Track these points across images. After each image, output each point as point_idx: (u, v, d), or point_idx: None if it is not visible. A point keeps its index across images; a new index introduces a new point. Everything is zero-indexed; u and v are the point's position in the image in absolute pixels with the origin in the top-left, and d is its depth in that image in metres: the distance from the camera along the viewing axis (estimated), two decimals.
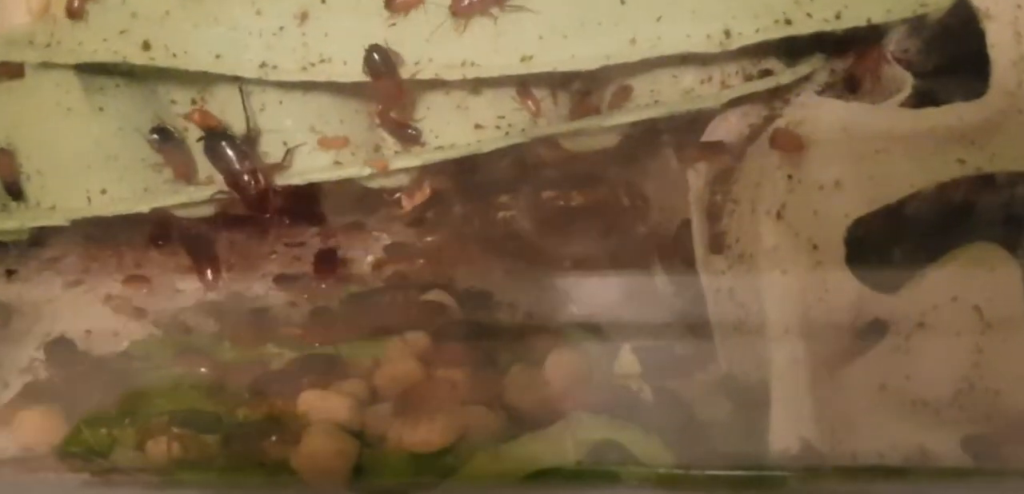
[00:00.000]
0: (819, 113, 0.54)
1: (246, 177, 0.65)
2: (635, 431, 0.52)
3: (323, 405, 0.55)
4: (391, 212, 0.72)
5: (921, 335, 0.51)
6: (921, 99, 0.60)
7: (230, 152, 0.65)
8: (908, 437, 0.50)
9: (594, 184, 0.70)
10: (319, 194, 0.72)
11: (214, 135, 0.66)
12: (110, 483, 0.54)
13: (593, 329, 0.62)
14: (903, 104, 0.56)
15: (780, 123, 0.55)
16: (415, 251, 0.75)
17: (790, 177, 0.55)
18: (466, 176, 0.76)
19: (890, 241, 0.54)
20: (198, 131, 0.73)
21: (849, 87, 0.64)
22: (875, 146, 0.51)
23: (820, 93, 0.66)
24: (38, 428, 0.60)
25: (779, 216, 0.55)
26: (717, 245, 0.64)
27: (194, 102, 0.74)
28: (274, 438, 0.52)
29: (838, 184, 0.51)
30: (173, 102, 0.74)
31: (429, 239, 0.74)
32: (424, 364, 0.58)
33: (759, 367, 0.55)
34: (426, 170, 0.68)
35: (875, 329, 0.51)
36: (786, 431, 0.52)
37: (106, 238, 0.76)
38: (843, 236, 0.50)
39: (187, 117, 0.73)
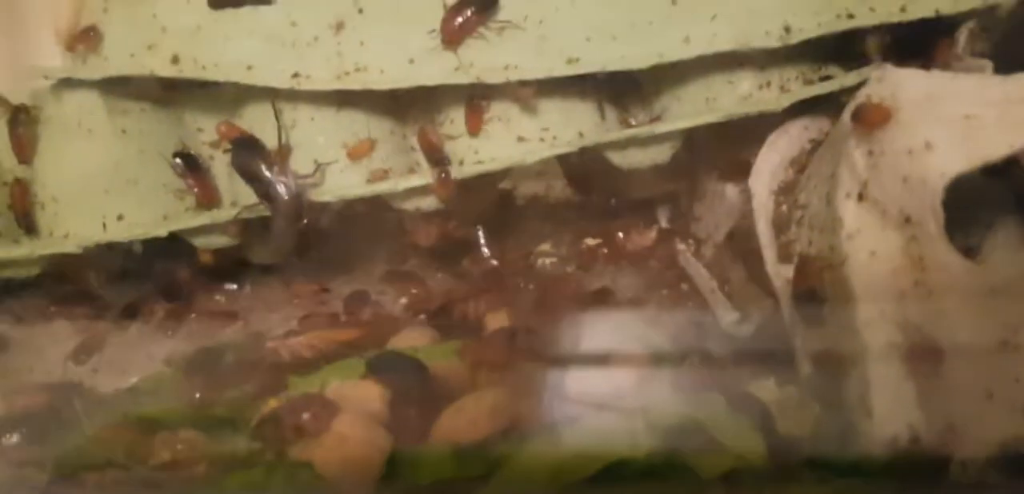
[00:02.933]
0: (902, 83, 0.50)
1: (278, 186, 0.61)
2: (720, 409, 0.45)
3: (354, 394, 0.49)
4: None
5: None
6: None
7: (259, 161, 0.62)
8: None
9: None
10: None
11: (242, 144, 0.62)
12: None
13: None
14: None
15: (860, 98, 0.51)
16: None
17: (871, 153, 0.51)
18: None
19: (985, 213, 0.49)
20: (224, 161, 0.71)
21: None
22: (965, 110, 0.47)
23: None
24: None
25: (860, 198, 0.51)
26: (785, 254, 0.59)
27: (217, 132, 0.72)
28: (293, 430, 0.46)
29: (929, 146, 0.46)
30: (200, 130, 0.72)
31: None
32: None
33: (848, 365, 0.49)
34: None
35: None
36: (890, 418, 0.46)
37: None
38: (941, 199, 0.45)
39: (214, 145, 0.71)
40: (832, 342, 0.51)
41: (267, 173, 0.62)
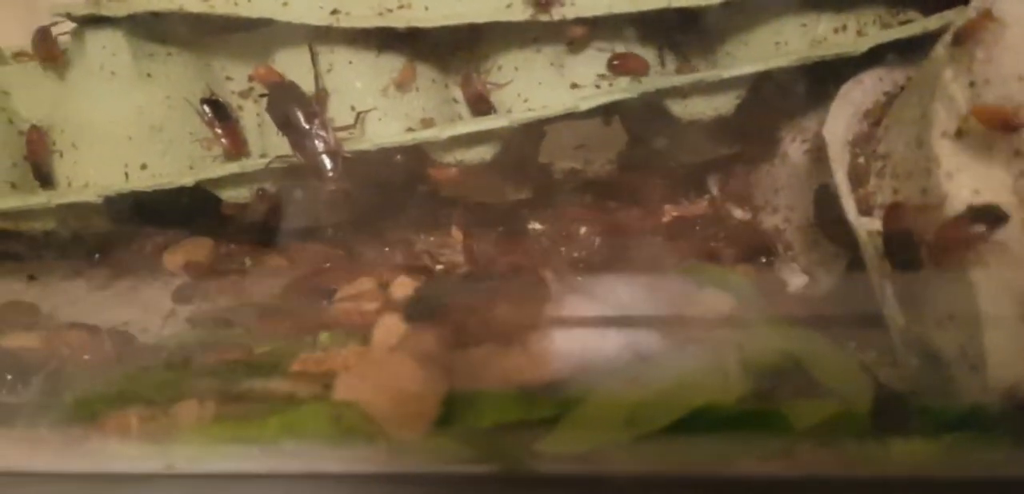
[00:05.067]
0: (1008, 6, 0.46)
1: (315, 140, 0.57)
2: (824, 348, 0.41)
3: (405, 331, 0.45)
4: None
5: None
6: None
7: (298, 110, 0.58)
8: None
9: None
10: None
11: (281, 90, 0.59)
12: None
13: None
14: None
15: (961, 20, 0.47)
16: None
17: (972, 84, 0.47)
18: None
19: None
20: (254, 111, 0.67)
21: None
22: None
23: None
24: None
25: (959, 134, 0.47)
26: (865, 207, 0.55)
27: (251, 78, 0.68)
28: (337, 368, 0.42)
29: None
30: (228, 78, 0.68)
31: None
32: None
33: (951, 313, 0.45)
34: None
35: None
36: (1008, 365, 0.42)
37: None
38: None
39: (243, 94, 0.67)
40: (931, 291, 0.47)
41: (304, 123, 0.58)
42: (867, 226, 0.54)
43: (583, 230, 0.72)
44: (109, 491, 0.44)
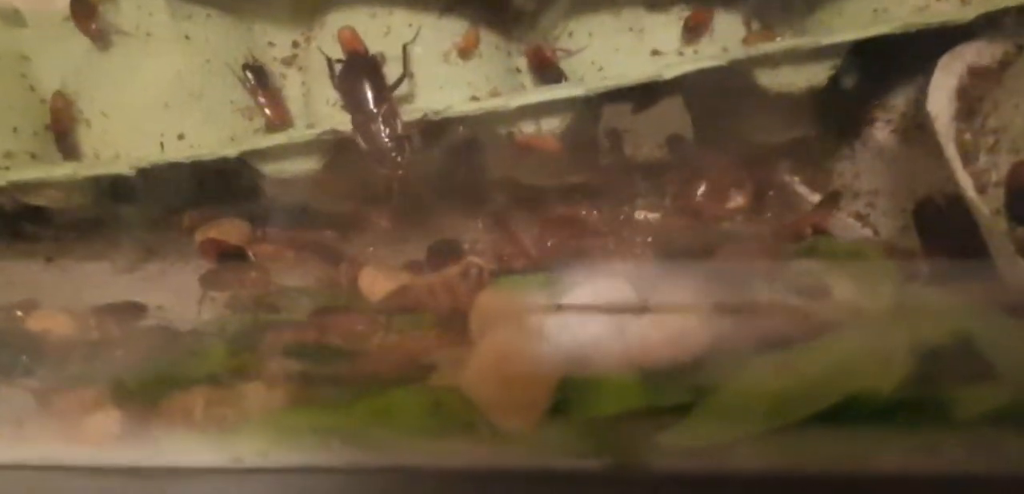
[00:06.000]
0: None
1: (383, 126, 0.52)
2: (1002, 323, 0.36)
3: (510, 307, 0.40)
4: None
5: None
6: None
7: (370, 91, 0.53)
8: None
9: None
10: None
11: (359, 63, 0.54)
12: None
13: None
14: None
15: None
16: None
17: None
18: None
19: None
20: (297, 81, 0.62)
21: None
22: None
23: None
24: None
25: None
26: (979, 184, 0.51)
27: (296, 44, 0.64)
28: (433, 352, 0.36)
29: None
30: (271, 44, 0.64)
31: None
32: None
33: None
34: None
35: None
36: None
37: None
38: None
39: (287, 61, 0.62)
40: None
41: (373, 107, 0.53)
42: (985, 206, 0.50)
43: (645, 216, 0.67)
44: (170, 486, 0.39)
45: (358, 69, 0.54)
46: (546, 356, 0.38)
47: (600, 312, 0.38)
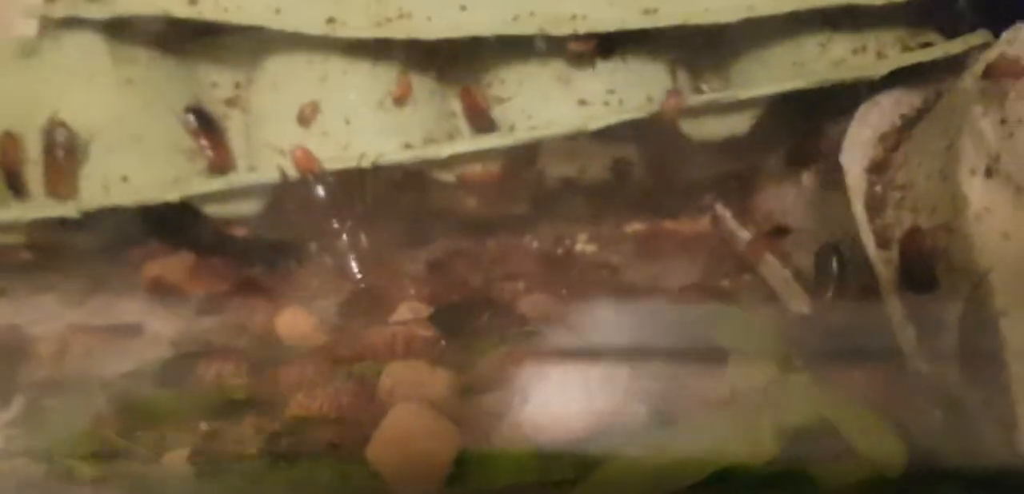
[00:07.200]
0: None
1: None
2: (857, 411, 0.40)
3: (415, 377, 0.44)
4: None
5: None
6: None
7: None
8: None
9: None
10: None
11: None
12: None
13: None
14: None
15: (994, 55, 0.47)
16: None
17: (1003, 122, 0.46)
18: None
19: None
20: (241, 122, 0.65)
21: None
22: None
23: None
24: None
25: (989, 172, 0.46)
26: (882, 240, 0.54)
27: (238, 85, 0.67)
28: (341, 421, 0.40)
29: None
30: (214, 85, 0.67)
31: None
32: None
33: (977, 362, 0.44)
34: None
35: None
36: None
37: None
38: None
39: (229, 103, 0.65)
40: (954, 337, 0.46)
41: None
42: (886, 259, 0.53)
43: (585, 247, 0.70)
44: None
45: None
46: (444, 430, 0.41)
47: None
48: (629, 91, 0.60)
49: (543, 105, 0.60)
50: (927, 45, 0.59)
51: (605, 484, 0.39)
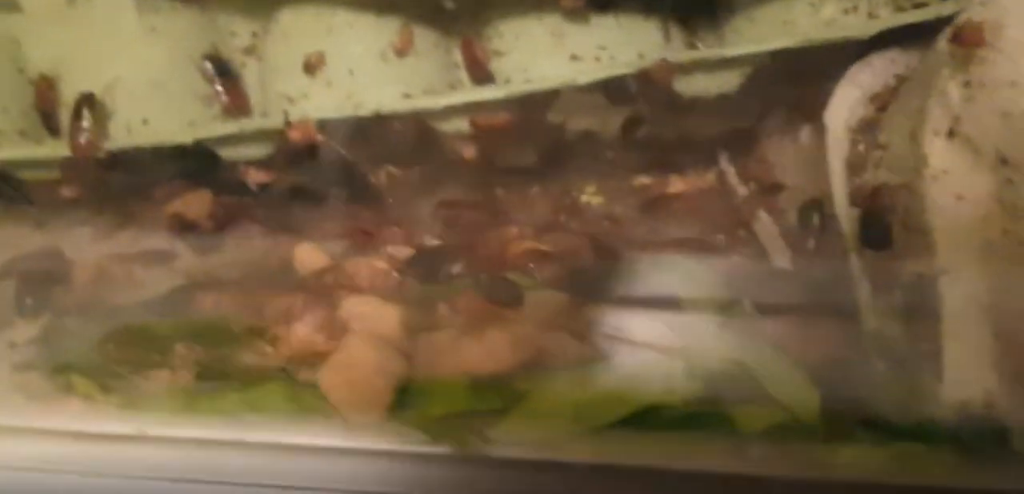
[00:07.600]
0: (1011, 8, 0.45)
1: None
2: (771, 354, 0.42)
3: (369, 311, 0.47)
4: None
5: None
6: None
7: None
8: None
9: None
10: None
11: None
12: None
13: None
14: None
15: (962, 19, 0.47)
16: None
17: (967, 84, 0.46)
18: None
19: None
20: (257, 69, 0.69)
21: None
22: None
23: None
24: None
25: (950, 134, 0.47)
26: (858, 198, 0.55)
27: (255, 34, 0.70)
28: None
29: None
30: (233, 34, 0.71)
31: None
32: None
33: (920, 319, 0.45)
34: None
35: None
36: (964, 381, 0.42)
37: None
38: None
39: (247, 51, 0.69)
40: (903, 294, 0.47)
41: None
42: (855, 217, 0.54)
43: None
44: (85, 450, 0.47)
45: None
46: (389, 361, 0.45)
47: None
48: (620, 47, 0.61)
49: (537, 59, 0.62)
50: (920, 5, 0.59)
51: (531, 415, 0.42)
